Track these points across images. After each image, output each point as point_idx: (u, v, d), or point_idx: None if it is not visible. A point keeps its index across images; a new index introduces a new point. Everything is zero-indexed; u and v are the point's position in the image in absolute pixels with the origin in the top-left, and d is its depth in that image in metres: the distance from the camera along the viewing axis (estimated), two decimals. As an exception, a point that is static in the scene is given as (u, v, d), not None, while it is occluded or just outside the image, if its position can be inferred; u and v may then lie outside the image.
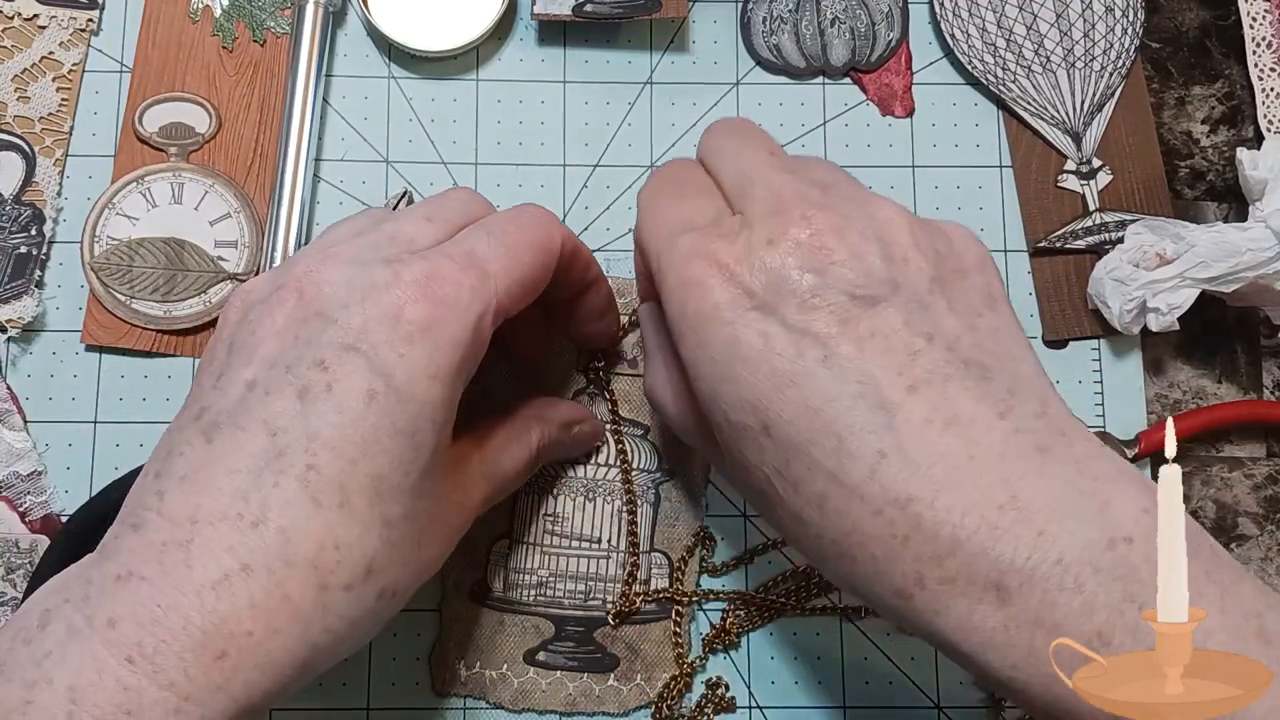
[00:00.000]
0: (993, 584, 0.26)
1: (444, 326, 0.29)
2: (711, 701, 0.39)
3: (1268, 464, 0.42)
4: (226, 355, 0.30)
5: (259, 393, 0.28)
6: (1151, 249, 0.40)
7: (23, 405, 0.41)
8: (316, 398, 0.28)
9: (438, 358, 0.29)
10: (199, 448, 0.28)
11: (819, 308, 0.28)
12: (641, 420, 0.41)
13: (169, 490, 0.28)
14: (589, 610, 0.39)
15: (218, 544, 0.27)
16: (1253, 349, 0.43)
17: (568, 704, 0.39)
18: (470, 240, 0.31)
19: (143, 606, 0.26)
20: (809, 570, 0.40)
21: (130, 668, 0.26)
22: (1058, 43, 0.44)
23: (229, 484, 0.27)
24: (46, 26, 0.43)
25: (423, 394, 0.29)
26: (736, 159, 0.32)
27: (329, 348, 0.28)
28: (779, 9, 0.45)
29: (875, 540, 0.27)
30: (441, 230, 0.32)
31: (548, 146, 0.43)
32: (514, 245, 0.32)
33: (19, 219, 0.42)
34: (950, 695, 0.40)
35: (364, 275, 0.29)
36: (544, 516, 0.40)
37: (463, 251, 0.31)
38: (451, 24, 0.43)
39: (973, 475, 0.26)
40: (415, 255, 0.30)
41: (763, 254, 0.29)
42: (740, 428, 0.29)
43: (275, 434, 0.28)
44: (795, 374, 0.28)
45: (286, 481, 0.27)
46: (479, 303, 0.30)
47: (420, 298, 0.29)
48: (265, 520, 0.27)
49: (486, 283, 0.30)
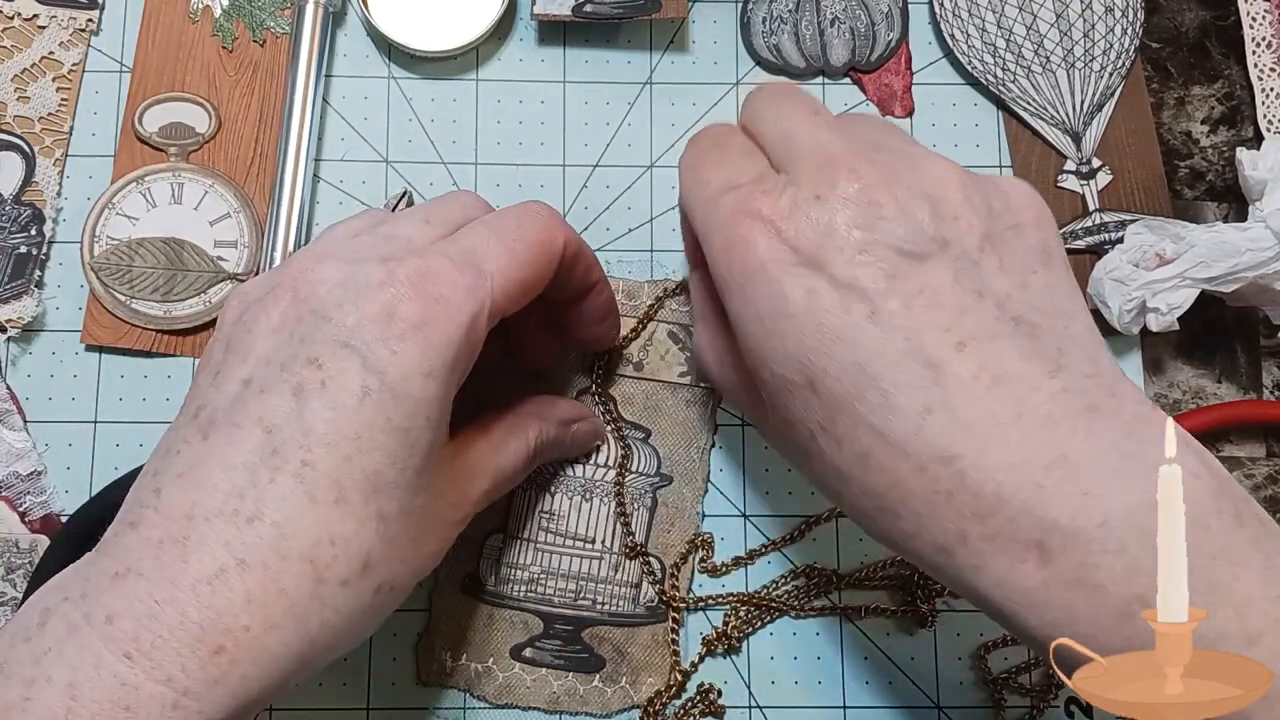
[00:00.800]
0: (1035, 543, 0.26)
1: (438, 324, 0.29)
2: (700, 704, 0.39)
3: (1268, 464, 0.42)
4: (223, 354, 0.30)
5: (254, 390, 0.29)
6: (1151, 249, 0.40)
7: (23, 405, 0.41)
8: (311, 395, 0.28)
9: (431, 355, 0.29)
10: (196, 445, 0.28)
11: (866, 263, 0.28)
12: (643, 423, 0.41)
13: (166, 487, 0.28)
14: (578, 609, 0.39)
15: (214, 540, 0.27)
16: (1252, 349, 0.43)
17: (551, 702, 0.39)
18: (468, 238, 0.31)
19: (140, 603, 0.26)
20: (809, 570, 0.40)
21: (128, 663, 0.26)
22: (1057, 43, 0.44)
23: (225, 480, 0.28)
24: (46, 26, 0.43)
25: (417, 391, 0.29)
26: (779, 119, 0.32)
27: (323, 345, 0.28)
28: (779, 9, 0.45)
29: (918, 496, 0.27)
30: (439, 231, 0.32)
31: (548, 146, 0.43)
32: (513, 244, 0.31)
33: (19, 219, 0.42)
34: (950, 695, 0.40)
35: (358, 273, 0.29)
36: (540, 514, 0.40)
37: (459, 250, 0.31)
38: (451, 24, 0.43)
39: (1019, 433, 0.26)
40: (410, 254, 0.30)
41: (809, 209, 0.29)
42: (786, 383, 0.29)
43: (270, 431, 0.28)
44: (841, 329, 0.28)
45: (282, 478, 0.28)
46: (474, 302, 0.30)
47: (414, 296, 0.29)
48: (261, 516, 0.27)
49: (482, 282, 0.30)
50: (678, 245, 0.43)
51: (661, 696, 0.39)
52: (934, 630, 0.40)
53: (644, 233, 0.43)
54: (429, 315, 0.29)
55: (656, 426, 0.41)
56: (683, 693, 0.39)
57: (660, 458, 0.41)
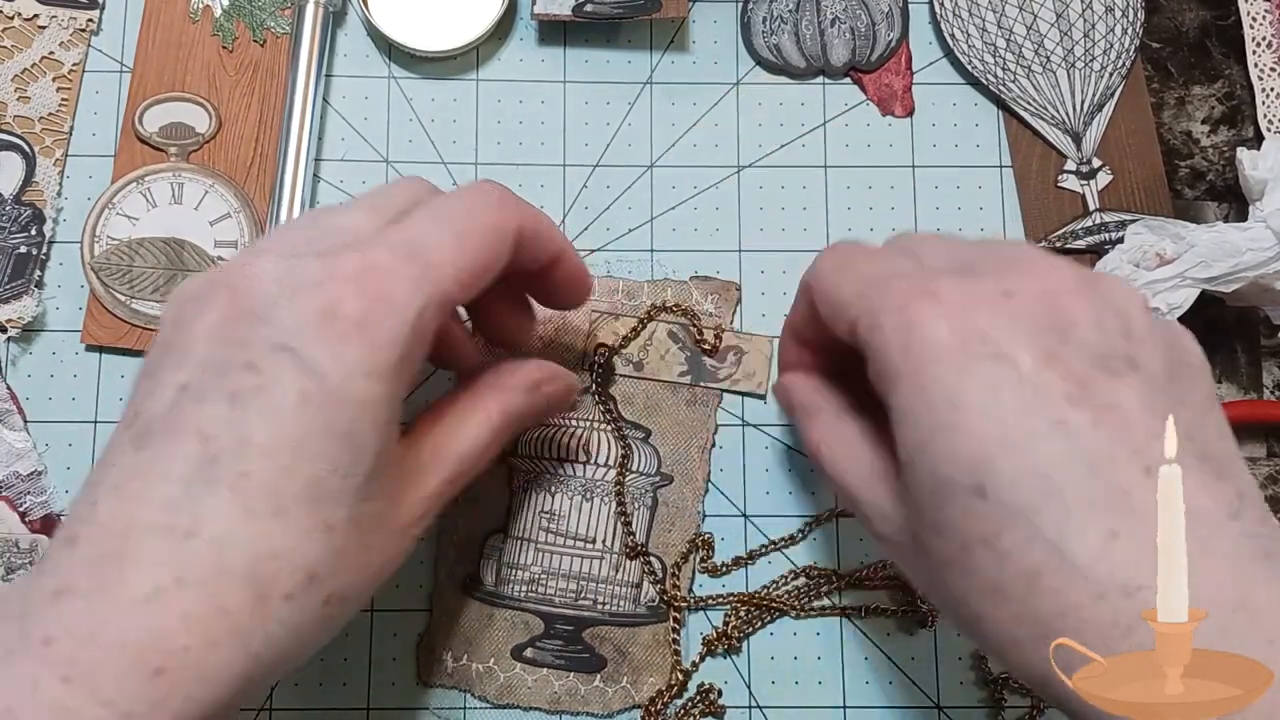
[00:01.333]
0: None
1: (381, 321, 0.28)
2: (700, 704, 0.39)
3: (1268, 464, 0.42)
4: (160, 357, 0.29)
5: (190, 397, 0.27)
6: (1151, 249, 0.40)
7: (23, 405, 0.41)
8: (248, 402, 0.27)
9: (375, 355, 0.28)
10: (131, 456, 0.27)
11: (1058, 368, 0.26)
12: (643, 423, 0.41)
13: (102, 500, 0.27)
14: (579, 609, 0.39)
15: (150, 557, 0.26)
16: (1253, 349, 0.43)
17: (552, 702, 0.39)
18: (413, 228, 0.30)
19: (78, 623, 0.25)
20: (809, 570, 0.40)
21: (67, 687, 0.25)
22: (1058, 43, 0.44)
23: (160, 494, 0.26)
24: (46, 26, 0.43)
25: (359, 393, 0.27)
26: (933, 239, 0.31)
27: (259, 348, 0.27)
28: (779, 9, 0.45)
29: (1092, 626, 0.25)
30: (384, 220, 0.30)
31: (548, 146, 0.43)
32: (462, 232, 0.30)
33: (19, 219, 0.42)
34: (950, 695, 0.40)
35: (297, 270, 0.28)
36: (540, 514, 0.40)
37: (403, 239, 0.29)
38: (451, 24, 0.43)
39: (1204, 572, 0.25)
40: (351, 247, 0.29)
41: (999, 301, 0.27)
42: (948, 485, 0.27)
43: (207, 440, 0.27)
44: (1026, 432, 0.26)
45: (219, 490, 0.26)
46: (420, 296, 0.28)
47: (355, 292, 0.28)
48: (198, 531, 0.26)
49: (429, 273, 0.29)
50: (677, 245, 0.43)
51: (662, 696, 0.39)
52: (934, 630, 0.40)
53: (644, 233, 0.43)
54: (371, 313, 0.28)
55: (656, 426, 0.41)
56: (683, 693, 0.39)
57: (660, 457, 0.41)
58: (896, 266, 0.30)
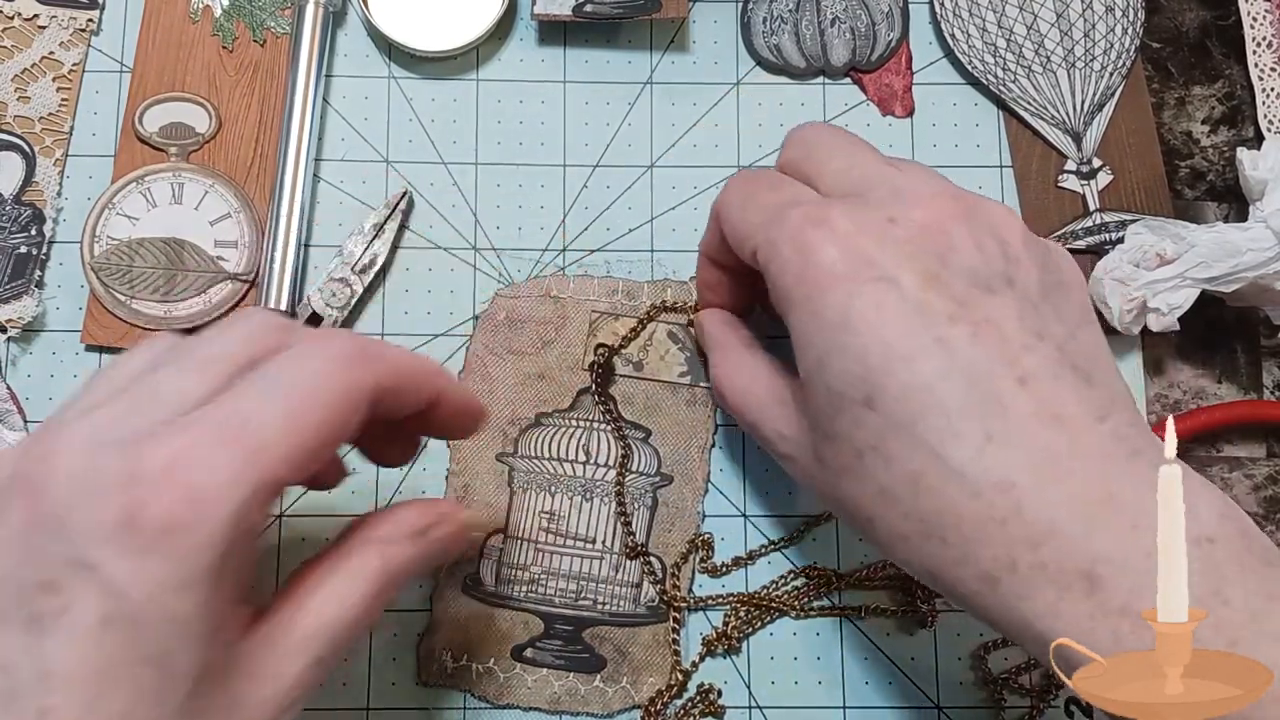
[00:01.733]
0: (1084, 572, 0.26)
1: (192, 527, 0.25)
2: (700, 704, 0.39)
3: (1268, 464, 0.42)
4: None
5: None
6: (1151, 249, 0.40)
7: (23, 405, 0.41)
8: (47, 628, 0.24)
9: (185, 564, 0.25)
10: None
11: (938, 288, 0.28)
12: (643, 423, 0.41)
13: None
14: (579, 609, 0.39)
15: None
16: (1253, 349, 0.43)
17: (552, 702, 0.39)
18: (241, 400, 0.26)
19: None
20: (809, 570, 0.40)
21: None
22: (1058, 43, 0.44)
23: None
24: (46, 26, 0.43)
25: (169, 611, 0.24)
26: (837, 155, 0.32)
27: (57, 564, 0.24)
28: (779, 9, 0.45)
29: (970, 522, 0.27)
30: (218, 381, 0.27)
31: (548, 146, 0.43)
32: (299, 402, 0.27)
33: (19, 219, 0.42)
34: (950, 695, 0.40)
35: (99, 464, 0.25)
36: (540, 514, 0.40)
37: (226, 417, 0.26)
38: (451, 24, 0.43)
39: (1072, 469, 0.27)
40: (168, 428, 0.26)
41: (884, 228, 0.29)
42: (840, 399, 0.29)
43: (5, 671, 0.24)
44: (909, 349, 0.28)
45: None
46: (241, 488, 0.25)
47: (160, 493, 0.24)
48: None
49: (255, 458, 0.25)
50: (677, 245, 0.43)
51: (662, 696, 0.39)
52: (934, 630, 0.40)
53: (644, 233, 0.43)
54: (178, 517, 0.24)
55: (656, 426, 0.41)
56: (683, 693, 0.39)
57: (660, 457, 0.41)
58: (795, 195, 0.32)
